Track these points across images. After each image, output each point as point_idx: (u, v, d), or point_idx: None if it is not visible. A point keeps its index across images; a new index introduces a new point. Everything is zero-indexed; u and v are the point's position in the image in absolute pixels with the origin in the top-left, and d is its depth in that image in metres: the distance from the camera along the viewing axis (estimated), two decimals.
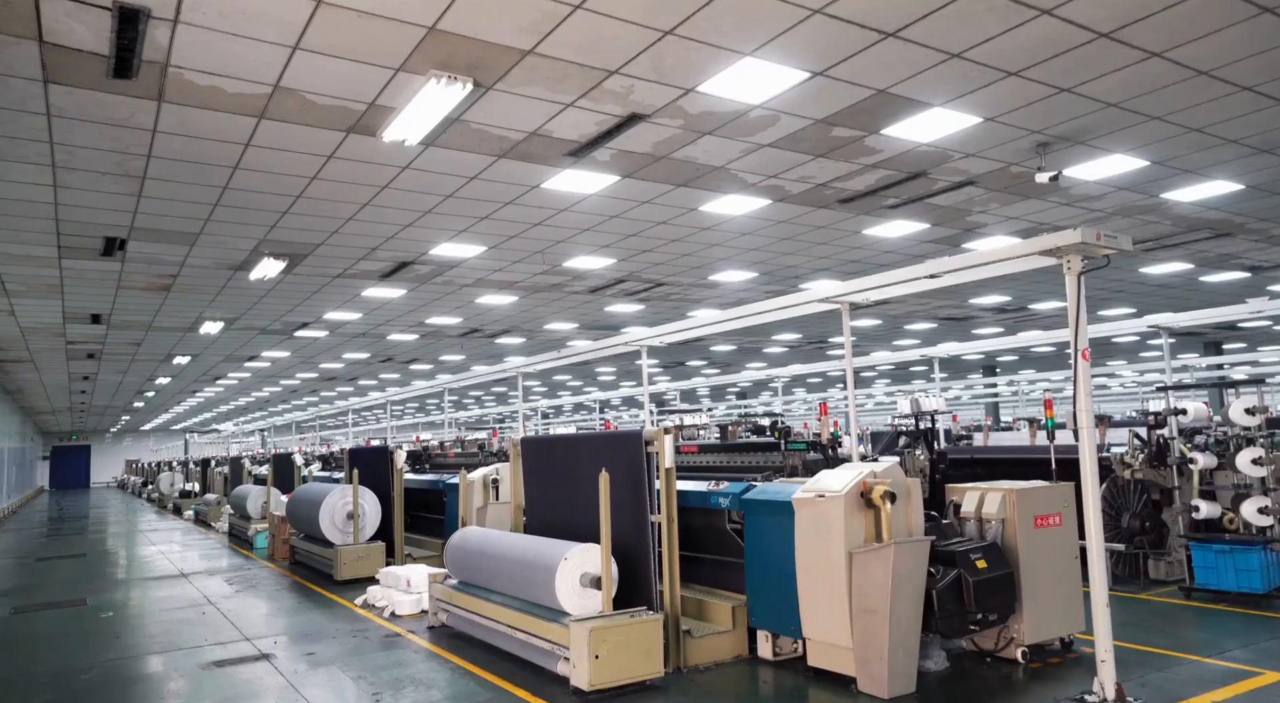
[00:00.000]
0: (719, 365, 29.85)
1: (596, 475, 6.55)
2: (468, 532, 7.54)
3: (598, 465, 6.57)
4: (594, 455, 6.65)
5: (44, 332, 16.75)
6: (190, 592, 10.25)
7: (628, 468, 6.22)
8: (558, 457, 7.20)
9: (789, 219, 10.40)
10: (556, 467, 7.18)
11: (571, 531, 6.72)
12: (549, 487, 7.28)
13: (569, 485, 6.97)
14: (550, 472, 7.28)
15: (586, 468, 6.74)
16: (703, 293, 15.29)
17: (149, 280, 12.46)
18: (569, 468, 6.99)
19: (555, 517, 7.10)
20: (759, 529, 6.04)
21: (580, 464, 6.82)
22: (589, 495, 6.66)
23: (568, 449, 7.09)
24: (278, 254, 11.17)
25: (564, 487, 7.04)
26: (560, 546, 6.04)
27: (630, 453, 6.25)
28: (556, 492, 7.15)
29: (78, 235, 9.88)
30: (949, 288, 15.34)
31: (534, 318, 17.60)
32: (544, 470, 7.38)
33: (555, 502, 7.16)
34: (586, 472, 6.73)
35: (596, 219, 10.13)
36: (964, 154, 8.22)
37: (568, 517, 6.92)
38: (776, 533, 5.85)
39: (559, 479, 7.12)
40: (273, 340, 19.44)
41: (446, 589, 7.38)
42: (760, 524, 6.03)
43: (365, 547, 10.54)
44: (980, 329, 21.78)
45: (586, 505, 6.69)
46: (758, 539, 6.03)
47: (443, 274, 12.89)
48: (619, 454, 6.34)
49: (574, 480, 6.90)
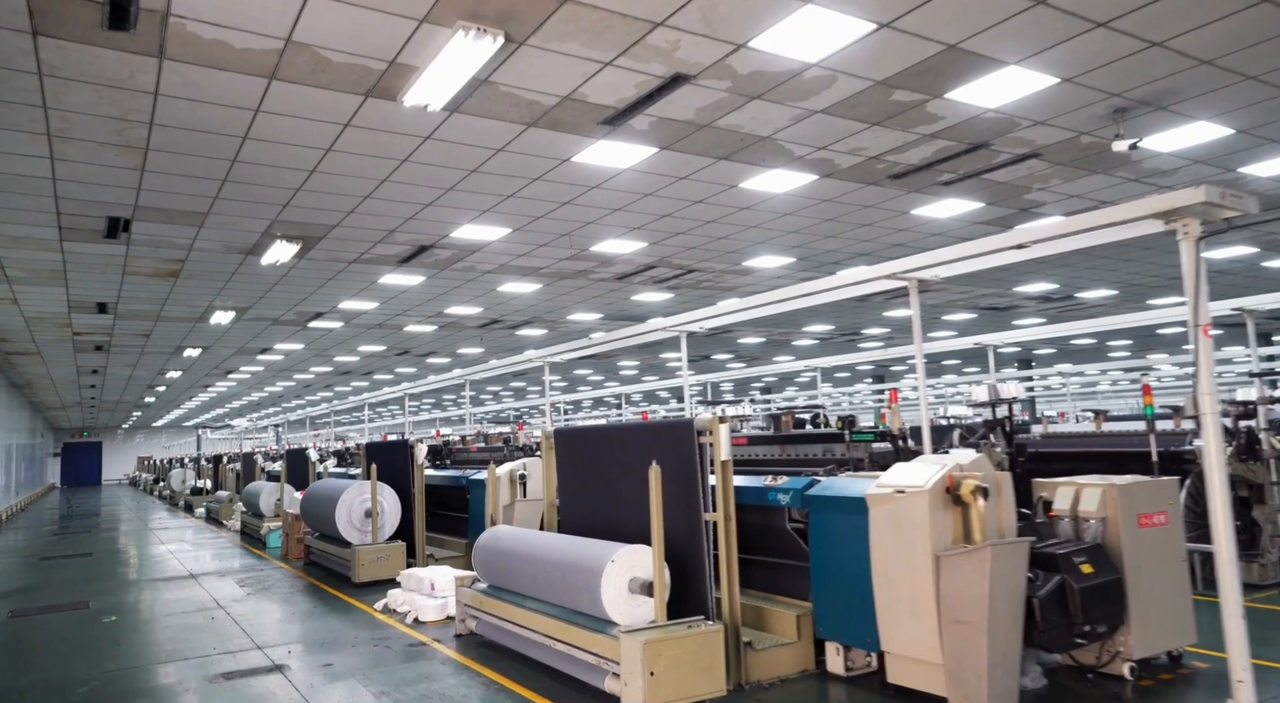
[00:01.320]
0: (745, 359, 29.19)
1: (641, 469, 5.95)
2: (498, 531, 6.94)
3: (644, 458, 5.96)
4: (639, 447, 6.04)
5: (49, 322, 16.25)
6: (199, 594, 9.70)
7: (678, 461, 5.60)
8: (596, 449, 6.59)
9: (834, 197, 9.75)
10: (595, 460, 6.57)
11: (613, 530, 6.11)
12: (586, 482, 6.67)
13: (609, 481, 6.36)
14: (588, 466, 6.67)
15: (630, 461, 6.14)
16: (734, 280, 14.65)
17: (156, 266, 11.92)
18: (609, 461, 6.38)
19: (594, 515, 6.50)
20: (826, 529, 5.41)
21: (623, 457, 6.21)
22: (634, 491, 6.06)
23: (608, 441, 6.47)
24: (290, 237, 10.60)
25: (604, 482, 6.43)
26: (605, 547, 5.43)
27: (680, 444, 5.63)
28: (595, 488, 6.54)
29: (79, 215, 9.32)
30: (996, 275, 14.67)
31: (557, 308, 16.99)
32: (580, 465, 6.77)
33: (593, 498, 6.55)
34: (630, 465, 6.13)
35: (629, 198, 9.51)
36: (1032, 122, 7.55)
37: (608, 515, 6.31)
38: (847, 533, 5.23)
39: (598, 474, 6.51)
40: (285, 332, 18.91)
41: (475, 594, 6.78)
42: (828, 523, 5.40)
43: (384, 547, 9.97)
44: (1020, 320, 21.05)
45: (630, 502, 6.08)
46: (825, 540, 5.41)
47: (464, 259, 12.29)
48: (667, 446, 5.73)
49: (615, 475, 6.29)
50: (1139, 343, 29.99)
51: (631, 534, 5.85)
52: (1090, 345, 30.39)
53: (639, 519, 5.96)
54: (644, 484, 5.89)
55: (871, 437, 5.97)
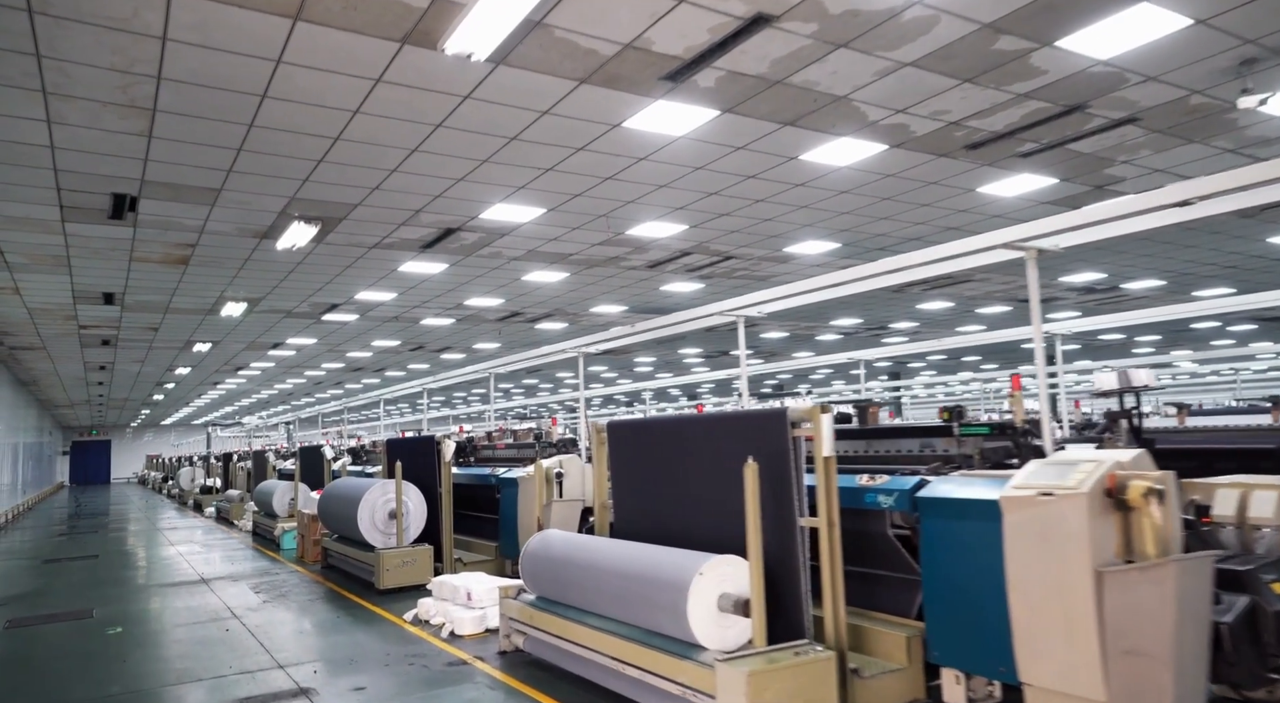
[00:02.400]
0: (764, 355, 28.40)
1: (719, 467, 5.20)
2: (549, 536, 6.17)
3: (724, 454, 5.20)
4: (716, 442, 5.27)
5: (53, 314, 15.55)
6: (212, 602, 8.96)
7: (766, 457, 4.82)
8: (661, 445, 5.81)
9: (899, 171, 8.96)
10: (659, 457, 5.80)
11: (681, 537, 5.35)
12: (647, 482, 5.89)
13: (677, 480, 5.59)
14: (649, 463, 5.90)
15: (705, 457, 5.37)
16: (770, 268, 13.86)
17: (165, 251, 11.19)
18: (677, 458, 5.60)
19: (656, 519, 5.73)
20: (943, 537, 4.63)
21: (695, 453, 5.44)
22: (709, 492, 5.29)
23: (676, 435, 5.70)
24: (309, 218, 9.85)
25: (669, 481, 5.66)
26: (689, 557, 4.65)
27: (770, 438, 4.85)
28: (658, 488, 5.77)
29: (82, 191, 8.59)
30: (1048, 263, 13.83)
31: (581, 299, 16.23)
32: (640, 462, 6.00)
33: (656, 500, 5.77)
34: (705, 462, 5.36)
35: (677, 172, 8.73)
36: (1142, 77, 6.75)
37: (676, 519, 5.54)
38: (973, 543, 4.44)
39: (662, 472, 5.74)
40: (299, 325, 18.19)
41: (523, 607, 6.02)
42: (945, 531, 4.62)
43: (410, 551, 9.21)
44: (1056, 313, 20.19)
45: (705, 505, 5.31)
46: (941, 550, 4.62)
47: (491, 244, 11.53)
48: (753, 440, 4.95)
49: (685, 473, 5.52)
50: (1167, 338, 29.11)
51: (706, 542, 5.08)
52: (1116, 341, 29.54)
53: (716, 525, 5.20)
54: (724, 484, 5.13)
55: (987, 430, 5.18)
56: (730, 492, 5.10)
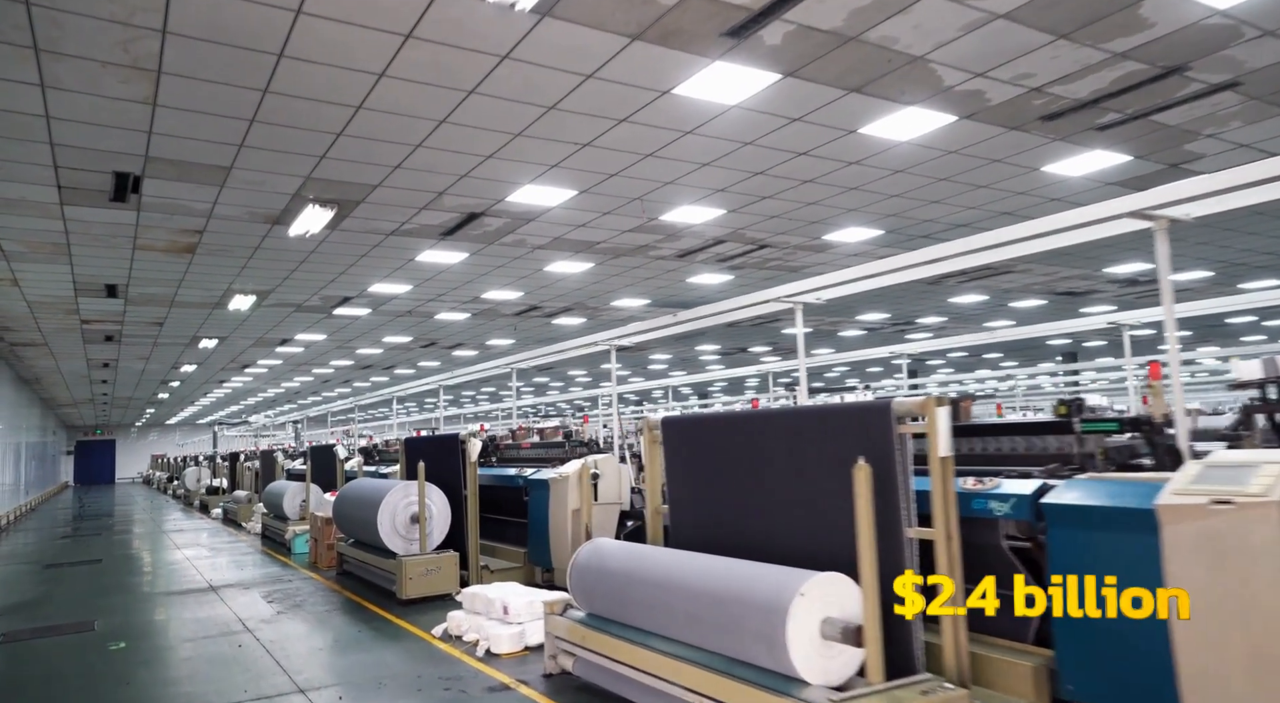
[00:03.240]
0: (783, 351, 27.70)
1: (806, 468, 4.54)
2: (602, 547, 5.50)
3: (810, 454, 4.53)
4: (801, 440, 4.60)
5: (54, 307, 14.92)
6: (222, 613, 8.32)
7: (866, 458, 4.15)
8: (729, 443, 5.15)
9: (963, 147, 8.29)
10: (727, 457, 5.13)
11: (757, 548, 4.67)
12: (711, 485, 5.23)
13: (751, 484, 4.92)
14: (715, 464, 5.23)
15: (785, 458, 4.70)
16: (806, 258, 13.19)
17: (170, 238, 10.54)
18: (752, 458, 4.94)
19: (724, 527, 5.06)
20: (1078, 551, 3.96)
21: (774, 453, 4.77)
22: (793, 499, 4.61)
23: (750, 432, 5.03)
24: (325, 200, 9.20)
25: (741, 485, 5.00)
26: (785, 575, 3.98)
27: (870, 436, 4.18)
28: (725, 492, 5.11)
29: (81, 169, 7.94)
30: (1093, 251, 13.18)
31: (603, 292, 15.57)
32: (703, 462, 5.34)
33: (724, 506, 5.11)
34: (787, 464, 4.69)
35: (724, 149, 8.07)
36: (1259, 32, 6.06)
37: (750, 529, 4.87)
38: (1118, 558, 3.79)
39: (731, 474, 5.07)
40: (308, 320, 17.55)
41: (573, 625, 5.36)
42: (1081, 544, 3.96)
43: (435, 557, 8.56)
44: (1090, 307, 19.49)
45: (787, 513, 4.64)
46: (1076, 566, 3.95)
47: (516, 230, 10.87)
48: (849, 438, 4.28)
49: (761, 476, 4.85)
50: (1198, 334, 28.36)
51: (788, 555, 4.41)
52: (1146, 337, 28.78)
53: (801, 535, 4.53)
54: (811, 488, 4.46)
55: (1116, 426, 4.51)
56: (819, 497, 4.44)
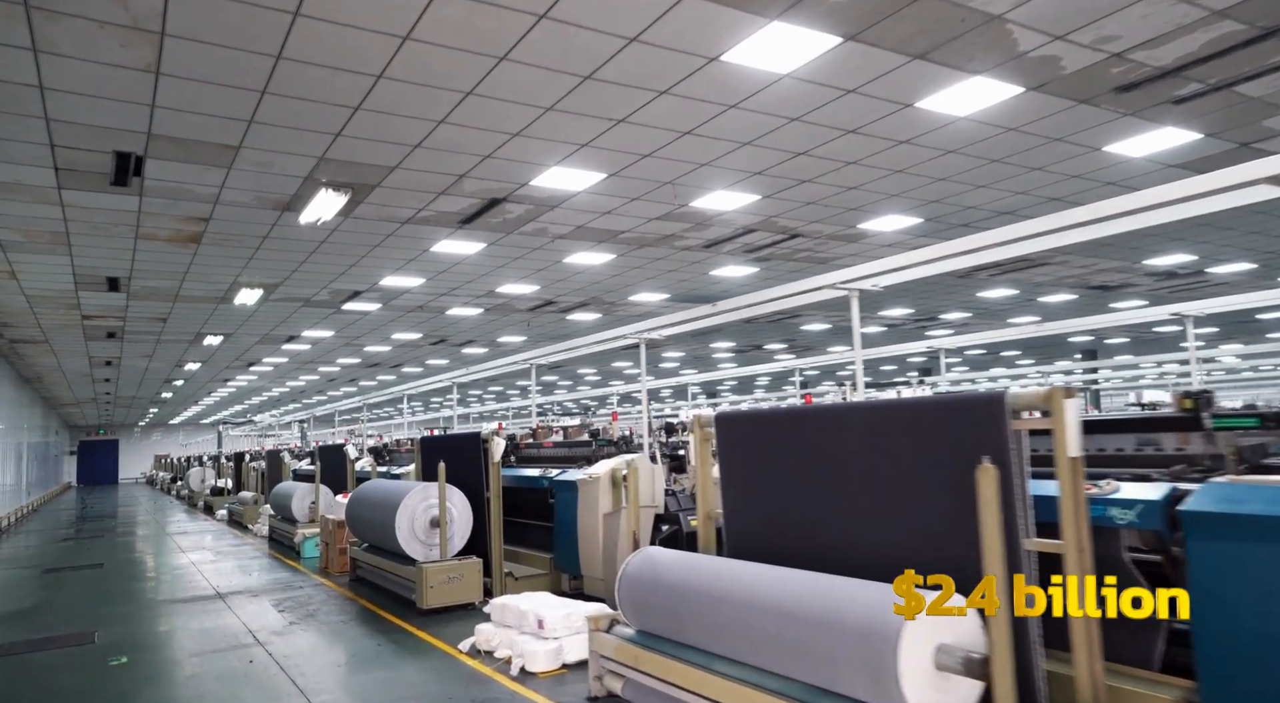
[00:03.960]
0: (799, 349, 27.15)
1: (898, 469, 3.99)
2: (655, 557, 4.95)
3: (903, 454, 3.98)
4: (889, 438, 4.04)
5: (54, 302, 14.39)
6: (230, 623, 7.79)
7: (973, 458, 3.60)
8: (798, 441, 4.59)
9: (1025, 123, 7.73)
10: (795, 457, 4.58)
11: (836, 561, 4.12)
12: (777, 488, 4.68)
13: (825, 487, 4.37)
14: (779, 465, 4.68)
15: (871, 458, 4.14)
16: (836, 249, 12.63)
17: (175, 227, 10.01)
18: (828, 458, 4.38)
19: (793, 536, 4.51)
20: (1225, 568, 3.40)
21: (855, 452, 4.22)
22: (883, 504, 4.06)
23: (823, 429, 4.47)
24: (338, 184, 8.66)
25: (814, 488, 4.44)
26: (889, 594, 3.43)
27: (979, 432, 3.62)
28: (795, 496, 4.55)
29: (79, 149, 7.41)
30: (1135, 242, 12.62)
31: (622, 286, 15.02)
32: (765, 463, 4.78)
33: (793, 511, 4.56)
34: (871, 464, 4.14)
35: (769, 126, 7.52)
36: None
37: (827, 538, 4.31)
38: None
39: (802, 476, 4.52)
40: (316, 316, 17.02)
41: (622, 644, 4.81)
42: (1230, 559, 3.39)
43: (457, 564, 8.02)
44: (1121, 302, 18.91)
45: (874, 520, 4.08)
46: (1224, 586, 3.39)
47: (538, 218, 10.32)
48: (952, 435, 3.73)
49: (839, 478, 4.30)
50: (1225, 330, 27.76)
51: (867, 567, 3.86)
52: (1169, 333, 28.23)
53: (889, 546, 3.97)
54: (905, 493, 3.91)
55: (1256, 421, 3.95)
56: (912, 503, 3.90)
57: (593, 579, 8.10)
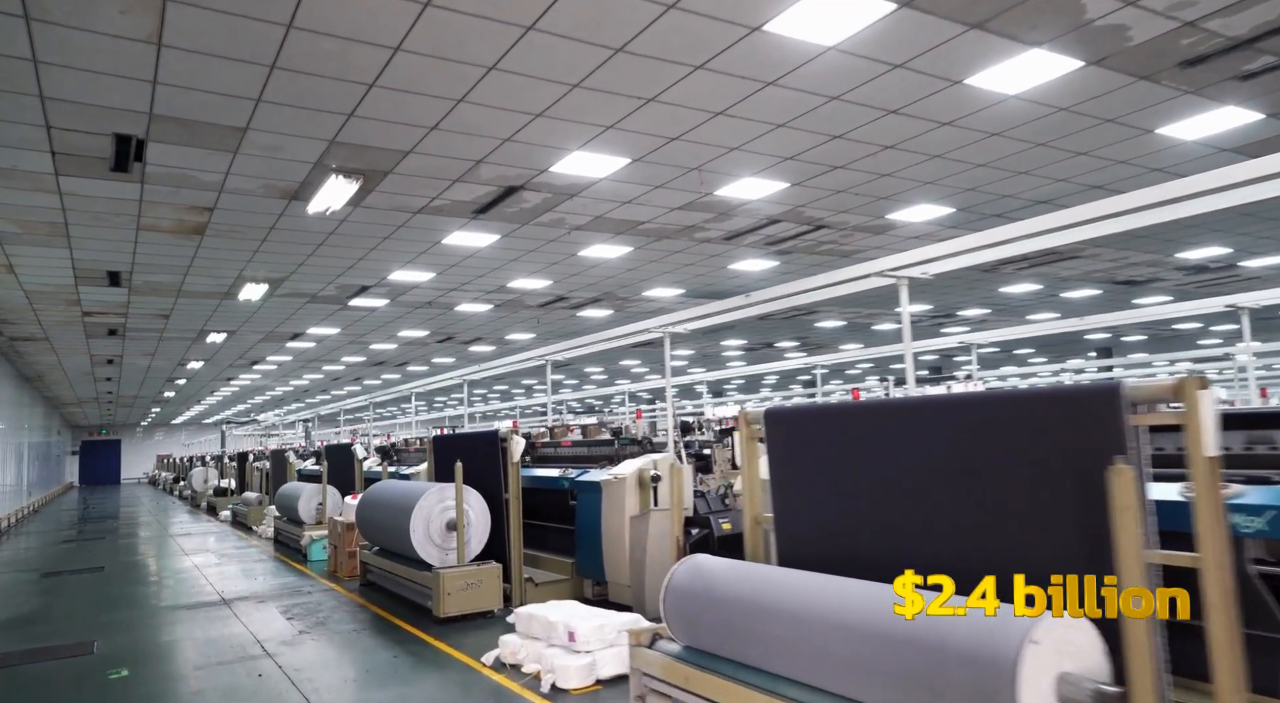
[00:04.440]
0: (812, 346, 26.72)
1: (983, 471, 3.57)
2: (704, 566, 4.51)
3: (993, 453, 3.55)
4: (977, 435, 3.61)
5: (54, 297, 13.99)
6: (236, 632, 7.37)
7: (1082, 459, 3.18)
8: (863, 439, 4.16)
9: (1079, 102, 7.31)
10: (859, 456, 4.15)
11: (905, 572, 3.69)
12: (836, 490, 4.24)
13: (896, 490, 3.94)
14: (841, 465, 4.25)
15: (954, 457, 3.71)
16: (862, 241, 12.20)
17: (177, 217, 9.59)
18: (897, 458, 3.95)
19: (855, 544, 4.08)
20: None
21: (933, 451, 3.79)
22: (969, 510, 3.63)
23: (894, 425, 4.04)
24: (349, 170, 8.24)
25: (881, 491, 4.01)
26: (998, 613, 3.00)
27: (1089, 429, 3.19)
28: (858, 499, 4.12)
29: (77, 130, 7.00)
30: (1171, 233, 12.19)
31: (637, 281, 14.59)
32: (824, 463, 4.35)
33: (856, 517, 4.13)
34: (954, 465, 3.71)
35: (808, 104, 7.09)
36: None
37: (899, 547, 3.88)
38: None
39: (866, 478, 4.09)
40: (322, 312, 16.60)
41: (670, 663, 4.38)
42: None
43: (475, 570, 7.60)
44: (1143, 298, 18.47)
45: (959, 528, 3.65)
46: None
47: (555, 208, 9.90)
48: (1054, 431, 3.31)
49: (914, 480, 3.87)
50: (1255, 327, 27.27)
51: (963, 582, 3.44)
52: (1190, 330, 27.77)
53: (976, 557, 3.54)
54: (996, 498, 3.48)
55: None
56: (1006, 509, 3.47)
57: (619, 586, 7.68)
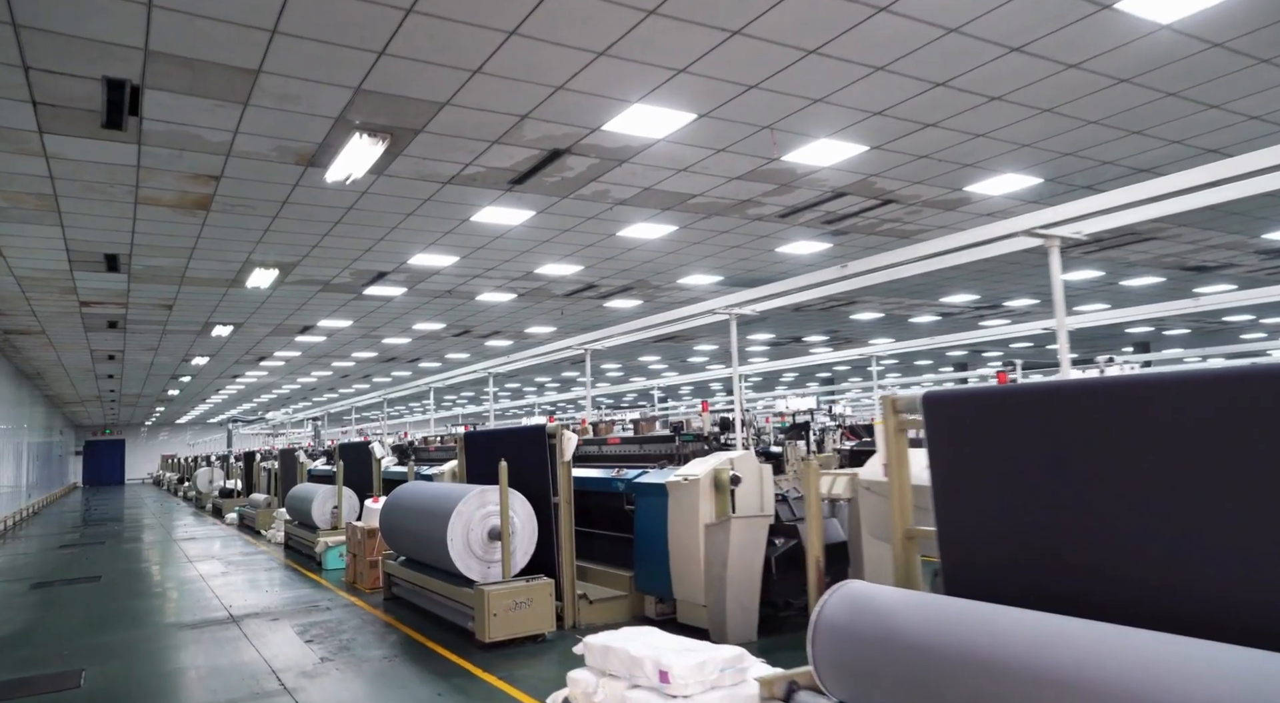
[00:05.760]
0: (842, 341, 25.62)
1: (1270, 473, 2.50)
2: (864, 596, 3.45)
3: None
4: (1259, 424, 2.56)
5: (48, 284, 12.97)
6: (247, 659, 6.33)
7: None
8: (1091, 430, 3.10)
9: (1239, 35, 6.24)
10: (1069, 454, 3.09)
11: (1165, 611, 2.65)
12: (1041, 499, 3.19)
13: (1127, 498, 2.88)
14: (1052, 465, 3.19)
15: (1236, 457, 2.66)
16: (928, 219, 11.15)
17: (180, 188, 8.57)
18: (1147, 458, 2.90)
19: (1065, 570, 3.02)
20: None
21: (1189, 449, 2.73)
22: (1250, 525, 2.58)
23: (1119, 412, 2.98)
24: (374, 128, 7.20)
25: (1101, 500, 2.96)
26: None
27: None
28: (1067, 510, 3.06)
29: (60, 73, 5.95)
30: (1259, 212, 11.11)
31: (674, 266, 13.55)
32: (1018, 462, 3.30)
33: (1074, 535, 3.07)
34: (1237, 467, 2.65)
35: (919, 38, 6.03)
36: None
37: (1139, 576, 2.82)
38: None
39: (1079, 482, 3.03)
40: (335, 302, 15.57)
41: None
42: None
43: (524, 586, 6.55)
44: (1208, 287, 17.37)
45: (1236, 549, 2.61)
46: None
47: (600, 177, 8.85)
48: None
49: (1177, 486, 2.81)
50: None
51: (1222, 621, 2.39)
52: (1238, 323, 26.67)
53: (1268, 587, 2.50)
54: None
55: None
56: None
57: (691, 605, 6.63)
